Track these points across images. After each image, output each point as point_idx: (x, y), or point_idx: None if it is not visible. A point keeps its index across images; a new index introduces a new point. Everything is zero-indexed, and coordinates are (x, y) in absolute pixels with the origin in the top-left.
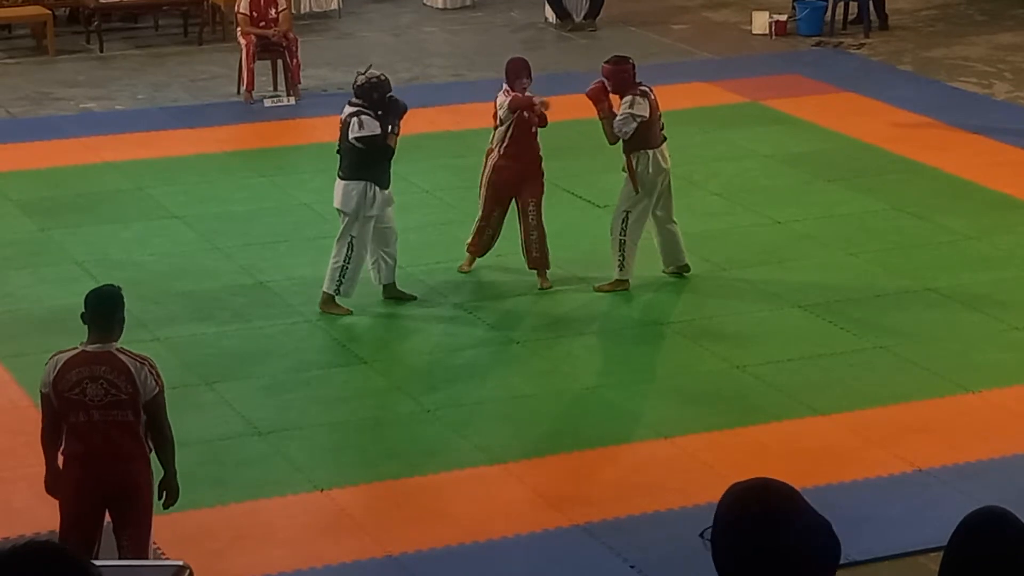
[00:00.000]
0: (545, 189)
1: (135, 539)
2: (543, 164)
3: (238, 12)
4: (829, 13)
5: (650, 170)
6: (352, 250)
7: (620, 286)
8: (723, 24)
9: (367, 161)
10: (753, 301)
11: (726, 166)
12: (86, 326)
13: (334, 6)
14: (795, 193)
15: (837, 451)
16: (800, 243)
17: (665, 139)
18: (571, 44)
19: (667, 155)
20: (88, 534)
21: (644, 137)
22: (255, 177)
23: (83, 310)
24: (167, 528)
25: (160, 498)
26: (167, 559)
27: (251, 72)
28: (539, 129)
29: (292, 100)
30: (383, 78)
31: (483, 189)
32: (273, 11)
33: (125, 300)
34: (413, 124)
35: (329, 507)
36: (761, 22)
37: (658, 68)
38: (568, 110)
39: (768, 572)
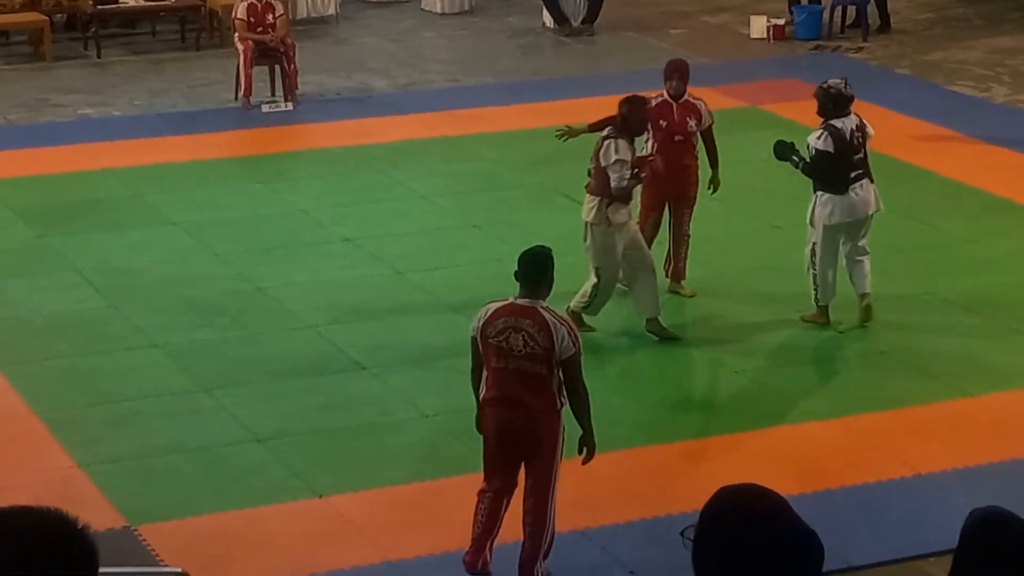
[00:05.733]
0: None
1: (536, 487)
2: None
3: (235, 18)
4: (827, 17)
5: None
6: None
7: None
8: (721, 28)
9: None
10: (751, 305)
11: (724, 171)
12: (517, 283)
13: (332, 11)
14: (793, 198)
15: (837, 455)
16: (798, 248)
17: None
18: (569, 49)
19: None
20: (502, 475)
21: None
22: (253, 183)
23: (516, 268)
24: (166, 535)
25: (580, 452)
26: (166, 566)
27: (248, 78)
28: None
29: (290, 106)
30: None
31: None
32: (271, 17)
33: (554, 260)
34: (411, 129)
35: (329, 513)
36: (759, 26)
37: (656, 73)
38: (565, 115)
39: (748, 571)
